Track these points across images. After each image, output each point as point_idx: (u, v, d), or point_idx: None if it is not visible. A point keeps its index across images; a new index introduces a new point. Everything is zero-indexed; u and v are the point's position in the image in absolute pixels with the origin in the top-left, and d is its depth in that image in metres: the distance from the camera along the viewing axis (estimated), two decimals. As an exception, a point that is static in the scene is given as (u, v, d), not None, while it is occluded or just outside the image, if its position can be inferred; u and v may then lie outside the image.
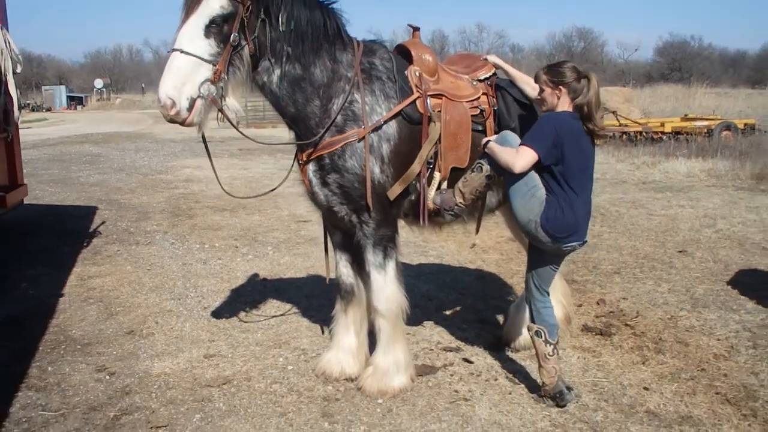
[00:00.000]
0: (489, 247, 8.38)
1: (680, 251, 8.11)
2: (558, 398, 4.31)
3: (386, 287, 4.44)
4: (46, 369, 4.95)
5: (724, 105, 31.86)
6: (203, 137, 4.23)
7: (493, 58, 4.99)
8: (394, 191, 4.32)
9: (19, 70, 7.71)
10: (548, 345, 4.31)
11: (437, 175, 4.51)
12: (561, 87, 4.14)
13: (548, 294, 4.42)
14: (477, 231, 5.03)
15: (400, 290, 4.51)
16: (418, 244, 8.54)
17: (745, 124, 21.06)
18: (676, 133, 20.38)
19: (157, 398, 4.48)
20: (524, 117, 4.75)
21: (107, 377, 4.81)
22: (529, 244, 4.43)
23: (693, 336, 5.49)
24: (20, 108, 8.07)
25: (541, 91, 4.25)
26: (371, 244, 4.39)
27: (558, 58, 64.49)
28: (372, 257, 4.42)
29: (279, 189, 5.06)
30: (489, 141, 4.27)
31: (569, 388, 4.39)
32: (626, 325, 5.75)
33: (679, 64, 73.74)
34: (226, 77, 3.91)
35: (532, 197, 4.07)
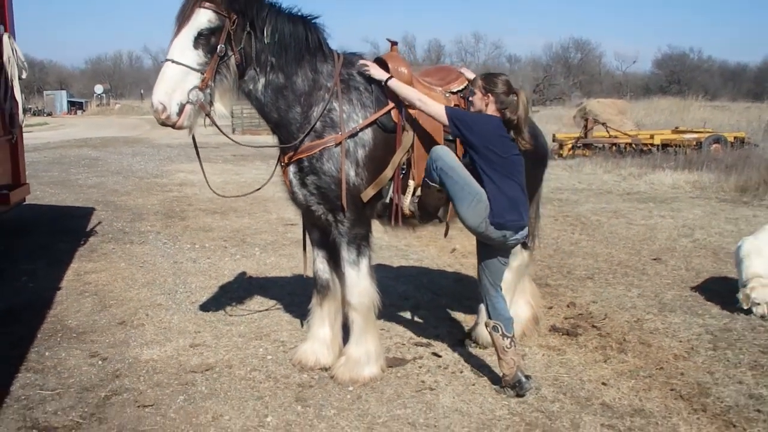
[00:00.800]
0: (469, 252, 8.63)
1: (654, 259, 8.39)
2: (517, 387, 4.62)
3: (359, 282, 4.74)
4: (44, 354, 5.27)
5: (719, 118, 31.95)
6: (194, 138, 4.55)
7: (467, 72, 5.32)
8: (367, 194, 4.63)
9: (24, 76, 8.05)
10: (505, 338, 4.63)
11: (412, 183, 4.82)
12: (490, 95, 4.53)
13: (501, 288, 4.74)
14: (446, 234, 5.33)
15: (372, 285, 4.80)
16: (399, 248, 8.85)
17: (735, 137, 21.22)
18: (665, 145, 20.60)
19: (144, 381, 4.80)
20: None
21: (100, 362, 5.13)
22: (477, 244, 4.73)
23: (656, 338, 5.76)
24: (24, 112, 8.39)
25: (472, 94, 4.63)
26: (346, 242, 4.69)
27: (554, 69, 64.57)
28: (346, 254, 4.72)
29: (269, 193, 5.39)
30: (391, 78, 4.65)
31: (528, 377, 4.69)
32: (593, 326, 6.02)
33: (677, 76, 73.24)
34: (213, 84, 4.24)
35: (478, 203, 4.40)
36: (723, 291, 6.95)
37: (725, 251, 8.75)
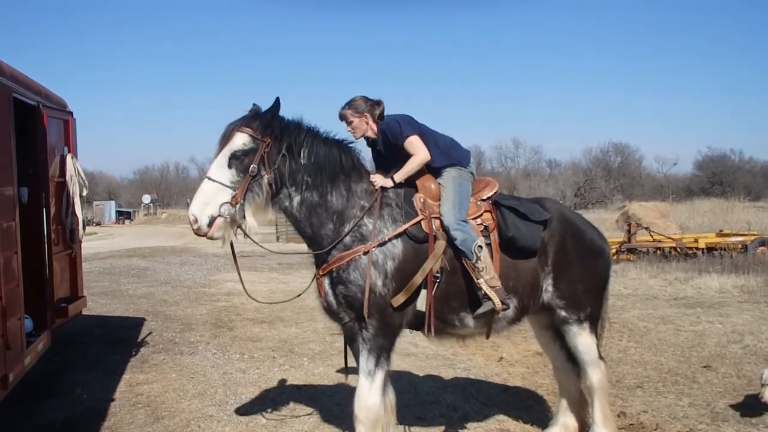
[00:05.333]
0: (516, 361, 8.64)
1: (705, 366, 8.25)
2: None
3: (369, 397, 4.79)
4: (99, 468, 5.37)
5: (764, 219, 31.55)
6: (232, 248, 4.86)
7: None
8: (398, 300, 4.79)
9: (84, 193, 8.50)
10: None
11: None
12: (365, 114, 5.08)
13: None
14: (487, 336, 5.38)
15: (381, 402, 4.83)
16: (446, 357, 8.85)
17: (781, 240, 20.96)
18: (710, 248, 20.39)
19: (198, 496, 4.84)
20: (519, 226, 5.22)
21: (153, 477, 5.20)
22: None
23: (710, 450, 5.66)
24: (84, 226, 8.77)
25: (350, 123, 5.14)
26: (367, 350, 4.82)
27: (595, 173, 64.81)
28: (364, 363, 4.83)
29: (314, 302, 5.55)
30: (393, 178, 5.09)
31: None
32: (645, 437, 5.92)
33: (719, 177, 72.57)
34: (242, 201, 4.59)
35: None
36: (777, 400, 6.78)
37: (777, 357, 8.57)
